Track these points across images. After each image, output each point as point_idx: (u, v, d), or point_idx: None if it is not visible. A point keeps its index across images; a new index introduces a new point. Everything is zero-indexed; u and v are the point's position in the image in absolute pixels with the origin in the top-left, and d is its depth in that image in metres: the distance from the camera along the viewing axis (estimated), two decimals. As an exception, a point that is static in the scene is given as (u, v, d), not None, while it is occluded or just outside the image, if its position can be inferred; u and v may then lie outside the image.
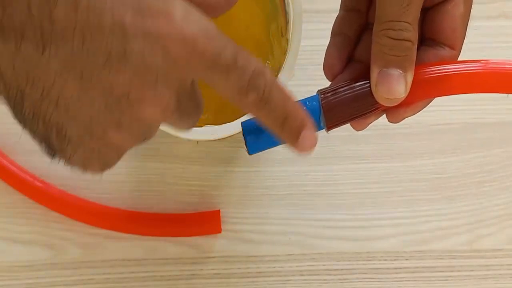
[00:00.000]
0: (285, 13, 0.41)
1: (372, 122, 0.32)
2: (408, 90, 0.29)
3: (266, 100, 0.26)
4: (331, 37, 0.33)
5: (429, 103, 0.32)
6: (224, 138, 0.39)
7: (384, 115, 0.32)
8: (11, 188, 0.46)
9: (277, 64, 0.40)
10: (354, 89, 0.30)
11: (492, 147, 0.48)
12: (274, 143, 0.30)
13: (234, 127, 0.38)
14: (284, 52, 0.40)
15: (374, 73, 0.29)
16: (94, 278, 0.46)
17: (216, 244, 0.46)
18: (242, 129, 0.31)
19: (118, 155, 0.27)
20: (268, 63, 0.41)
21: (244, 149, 0.47)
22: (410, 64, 0.29)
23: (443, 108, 0.48)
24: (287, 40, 0.40)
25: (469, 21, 0.50)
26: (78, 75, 0.23)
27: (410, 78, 0.29)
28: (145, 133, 0.27)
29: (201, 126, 0.39)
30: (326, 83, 0.47)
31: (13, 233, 0.46)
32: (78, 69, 0.23)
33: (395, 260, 0.46)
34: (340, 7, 0.33)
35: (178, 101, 0.25)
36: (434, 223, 0.47)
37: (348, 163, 0.47)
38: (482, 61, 0.29)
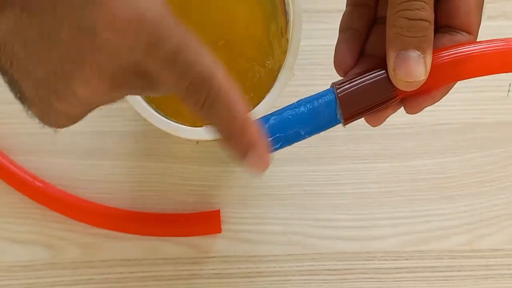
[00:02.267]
0: (285, 13, 0.41)
1: (389, 115, 0.30)
2: (428, 72, 0.28)
3: (207, 112, 0.25)
4: (339, 33, 0.32)
5: (448, 91, 0.31)
6: (224, 138, 0.39)
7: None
8: (11, 188, 0.46)
9: (277, 64, 0.40)
10: (371, 77, 0.28)
11: (492, 147, 0.48)
12: (289, 143, 0.29)
13: (234, 127, 0.38)
14: (284, 52, 0.40)
15: (391, 57, 0.28)
16: (93, 278, 0.46)
17: (216, 244, 0.46)
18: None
19: (69, 121, 0.28)
20: (268, 63, 0.41)
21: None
22: (429, 45, 0.28)
23: (443, 108, 0.48)
24: (287, 40, 0.40)
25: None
26: (22, 42, 0.23)
27: (429, 59, 0.28)
28: (87, 106, 0.27)
29: (201, 126, 0.39)
30: (326, 83, 0.47)
31: (13, 233, 0.46)
32: (21, 37, 0.23)
33: (395, 260, 0.46)
34: (347, 3, 0.33)
35: (115, 82, 0.25)
36: (434, 223, 0.47)
37: (348, 163, 0.47)
38: (505, 40, 0.28)
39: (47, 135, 0.47)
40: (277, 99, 0.38)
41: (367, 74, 0.28)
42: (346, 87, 0.28)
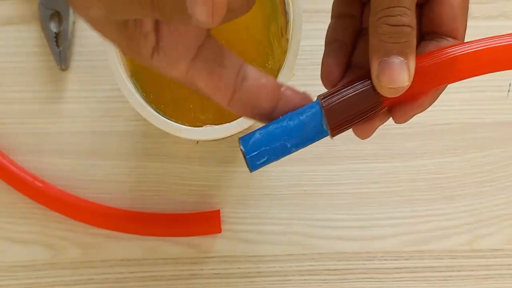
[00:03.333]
0: (285, 13, 0.41)
1: (377, 127, 0.30)
2: (412, 78, 0.27)
3: None
4: (325, 46, 0.31)
5: (437, 98, 0.30)
6: (224, 138, 0.39)
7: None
8: (11, 188, 0.46)
9: (277, 64, 0.40)
10: (356, 87, 0.28)
11: (492, 147, 0.48)
12: (276, 157, 0.28)
13: (234, 127, 0.38)
14: (284, 52, 0.40)
15: (375, 64, 0.27)
16: (93, 278, 0.46)
17: (216, 244, 0.46)
18: (241, 145, 0.28)
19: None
20: (268, 63, 0.41)
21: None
22: (412, 50, 0.27)
23: (443, 108, 0.48)
24: (287, 40, 0.40)
25: (469, 20, 0.50)
26: None
27: (412, 64, 0.27)
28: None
29: (201, 126, 0.39)
30: (326, 83, 0.46)
31: (13, 233, 0.46)
32: None
33: (395, 260, 0.46)
34: (332, 15, 0.32)
35: None
36: (434, 223, 0.47)
37: (348, 163, 0.47)
38: (489, 38, 0.28)
39: (47, 135, 0.47)
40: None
41: (352, 84, 0.28)
42: (331, 98, 0.28)
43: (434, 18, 0.29)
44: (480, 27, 0.49)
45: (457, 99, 0.48)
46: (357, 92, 0.28)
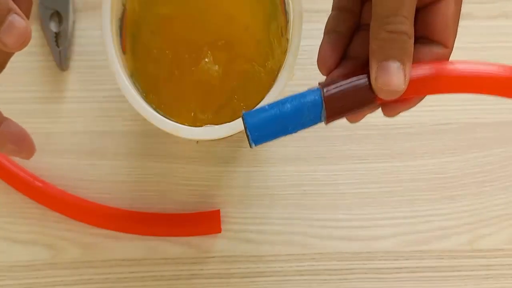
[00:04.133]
0: (285, 13, 0.41)
1: (366, 114, 0.32)
2: (407, 82, 0.29)
3: None
4: (324, 35, 0.33)
5: (422, 99, 0.32)
6: (224, 138, 0.39)
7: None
8: (11, 188, 0.46)
9: (277, 64, 0.40)
10: (354, 82, 0.30)
11: (492, 147, 0.48)
12: (278, 133, 0.30)
13: (234, 127, 0.38)
14: (284, 52, 0.40)
15: (374, 67, 0.29)
16: (94, 278, 0.46)
17: (216, 244, 0.46)
18: (244, 119, 0.30)
19: None
20: (268, 63, 0.41)
21: (244, 148, 0.48)
22: (408, 57, 0.29)
23: (443, 108, 0.48)
24: (287, 40, 0.40)
25: (469, 20, 0.50)
26: None
27: (408, 70, 0.29)
28: None
29: (201, 126, 0.39)
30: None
31: (13, 233, 0.46)
32: None
33: (395, 260, 0.46)
34: (332, 7, 0.34)
35: None
36: (434, 223, 0.47)
37: (348, 163, 0.47)
38: (470, 62, 0.30)
39: (47, 135, 0.47)
40: (277, 99, 0.38)
41: (351, 80, 0.30)
42: (332, 90, 0.30)
43: (427, 26, 0.31)
44: (480, 27, 0.49)
45: (457, 99, 0.48)
46: (355, 87, 0.30)
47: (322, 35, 0.38)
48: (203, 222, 0.46)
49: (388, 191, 0.47)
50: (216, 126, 0.38)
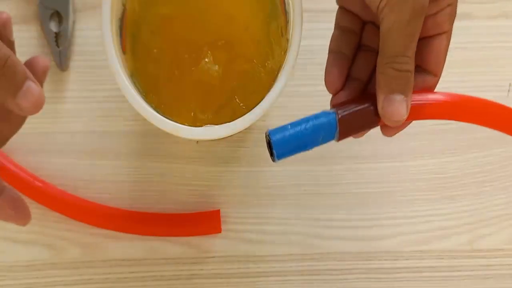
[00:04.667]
0: (285, 13, 0.41)
1: (367, 132, 0.37)
2: (409, 111, 0.34)
3: None
4: (329, 54, 0.37)
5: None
6: (224, 138, 0.39)
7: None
8: (11, 188, 0.46)
9: (277, 64, 0.40)
10: (363, 109, 0.35)
11: (492, 147, 0.48)
12: (298, 150, 0.35)
13: (234, 127, 0.38)
14: (284, 52, 0.40)
15: (381, 99, 0.34)
16: (94, 278, 0.46)
17: (216, 244, 0.46)
18: (269, 136, 0.34)
19: None
20: (268, 63, 0.41)
21: (244, 148, 0.48)
22: (410, 89, 0.34)
23: (443, 108, 0.48)
24: (287, 40, 0.40)
25: (469, 20, 0.50)
26: None
27: (410, 101, 0.34)
28: None
29: (201, 126, 0.39)
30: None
31: (13, 233, 0.46)
32: None
33: (395, 260, 0.46)
34: (335, 26, 0.38)
35: None
36: (434, 223, 0.47)
37: (348, 163, 0.47)
38: (451, 94, 0.35)
39: (47, 135, 0.47)
40: (277, 99, 0.38)
41: (361, 106, 0.35)
42: (345, 114, 0.35)
43: (422, 57, 0.35)
44: (480, 27, 0.49)
45: (457, 99, 0.48)
46: (363, 112, 0.35)
47: (322, 36, 0.38)
48: (203, 222, 0.46)
49: (388, 191, 0.47)
50: (216, 126, 0.38)
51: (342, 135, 0.35)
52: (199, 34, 0.41)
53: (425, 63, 0.35)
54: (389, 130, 0.36)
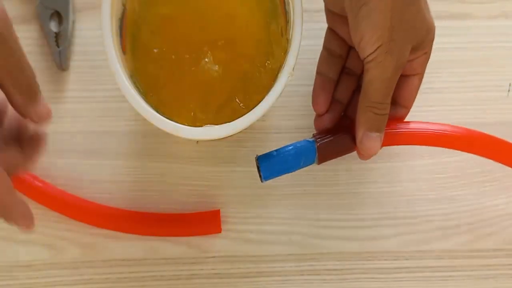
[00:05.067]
0: (285, 13, 0.41)
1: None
2: (381, 145, 0.40)
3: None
4: (317, 75, 0.43)
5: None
6: (224, 138, 0.39)
7: None
8: (11, 188, 0.45)
9: (277, 64, 0.40)
10: (340, 138, 0.41)
11: (492, 147, 0.48)
12: (282, 172, 0.41)
13: (234, 127, 0.38)
14: (284, 52, 0.40)
15: (359, 134, 0.40)
16: (94, 278, 0.46)
17: (216, 244, 0.46)
18: (257, 161, 0.41)
19: None
20: (268, 63, 0.41)
21: (244, 148, 0.48)
22: (384, 127, 0.40)
23: (444, 108, 0.48)
24: (287, 40, 0.40)
25: (469, 20, 0.50)
26: None
27: (383, 136, 0.40)
28: None
29: (201, 126, 0.39)
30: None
31: (13, 233, 0.46)
32: None
33: (395, 260, 0.46)
34: (323, 46, 0.43)
35: None
36: (434, 223, 0.47)
37: (348, 163, 0.47)
38: (415, 123, 0.42)
39: (47, 135, 0.46)
40: (277, 99, 0.38)
41: (337, 135, 0.41)
42: (323, 142, 0.41)
43: (397, 93, 0.41)
44: (480, 27, 0.49)
45: (457, 99, 0.48)
46: (341, 141, 0.41)
47: (322, 36, 0.38)
48: (203, 222, 0.46)
49: (388, 191, 0.47)
50: (216, 126, 0.38)
51: (321, 160, 0.41)
52: (199, 34, 0.41)
53: (399, 98, 0.41)
54: (363, 155, 0.42)
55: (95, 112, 0.47)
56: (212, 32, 0.41)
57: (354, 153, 0.47)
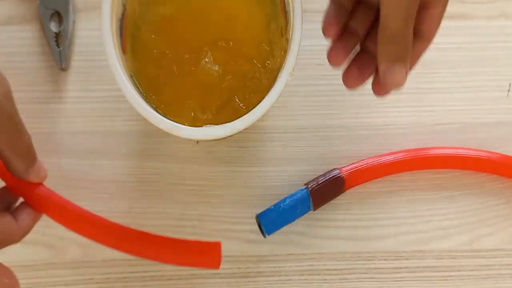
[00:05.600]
0: (285, 13, 0.41)
1: None
2: (407, 77, 0.36)
3: None
4: (329, 3, 0.38)
5: None
6: (224, 138, 0.39)
7: None
8: (11, 188, 0.45)
9: (277, 64, 0.40)
10: (329, 181, 0.44)
11: (492, 147, 0.48)
12: (282, 224, 0.44)
13: (234, 127, 0.38)
14: (284, 52, 0.40)
15: (382, 67, 0.36)
16: (94, 278, 0.46)
17: (216, 244, 0.46)
18: (258, 219, 0.44)
19: None
20: (268, 63, 0.41)
21: (244, 148, 0.48)
22: (408, 57, 0.36)
23: (444, 108, 0.48)
24: (287, 40, 0.40)
25: (469, 20, 0.50)
26: None
27: (408, 66, 0.36)
28: None
29: (201, 126, 0.39)
30: (326, 83, 0.47)
31: (13, 233, 0.46)
32: None
33: (395, 260, 0.46)
34: None
35: None
36: (434, 223, 0.47)
37: (348, 163, 0.47)
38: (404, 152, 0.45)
39: (47, 135, 0.47)
40: (277, 99, 0.38)
41: (326, 178, 0.44)
42: (314, 187, 0.44)
43: (417, 20, 0.36)
44: (480, 27, 0.49)
45: (457, 99, 0.48)
46: (329, 182, 0.44)
47: (321, 35, 0.38)
48: (202, 253, 0.38)
49: (388, 191, 0.47)
50: (216, 126, 0.38)
51: (316, 205, 0.44)
52: (199, 34, 0.41)
53: (420, 26, 0.36)
54: (387, 90, 0.38)
55: (95, 112, 0.47)
56: (212, 32, 0.41)
57: (353, 153, 0.48)
